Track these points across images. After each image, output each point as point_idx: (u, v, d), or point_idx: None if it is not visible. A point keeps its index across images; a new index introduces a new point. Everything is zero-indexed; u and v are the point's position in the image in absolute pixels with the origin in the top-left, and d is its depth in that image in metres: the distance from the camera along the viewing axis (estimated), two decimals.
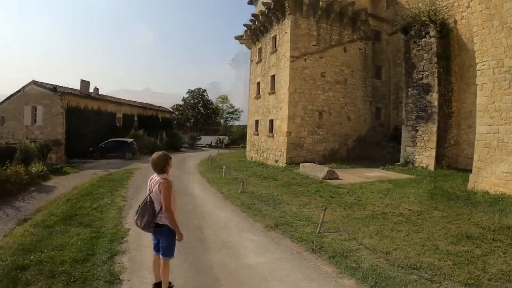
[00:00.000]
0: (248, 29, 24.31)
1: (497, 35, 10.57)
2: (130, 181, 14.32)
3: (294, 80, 18.68)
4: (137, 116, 35.78)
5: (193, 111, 57.27)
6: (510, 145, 9.74)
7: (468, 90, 16.31)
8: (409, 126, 17.19)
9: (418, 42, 17.13)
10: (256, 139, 23.22)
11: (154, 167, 4.06)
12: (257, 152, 22.76)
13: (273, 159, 19.73)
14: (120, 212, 8.62)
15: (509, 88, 10.04)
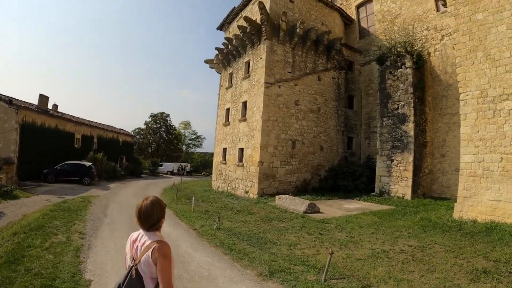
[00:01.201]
0: (219, 53, 23.56)
1: (480, 65, 10.94)
2: (88, 211, 12.71)
3: (268, 108, 17.94)
4: (97, 138, 33.47)
5: (155, 136, 55.14)
6: (495, 173, 9.95)
7: (441, 120, 17.00)
8: (384, 156, 17.05)
9: (393, 73, 17.20)
10: (224, 168, 22.12)
11: (144, 220, 2.49)
12: (224, 181, 21.66)
13: (243, 189, 18.72)
14: (77, 255, 7.14)
15: (493, 118, 10.32)
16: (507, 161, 9.76)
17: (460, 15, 11.90)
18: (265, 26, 17.90)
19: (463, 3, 11.88)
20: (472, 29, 11.45)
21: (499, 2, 10.81)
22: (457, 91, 15.89)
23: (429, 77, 17.43)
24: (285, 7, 18.88)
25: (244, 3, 21.20)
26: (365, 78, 22.29)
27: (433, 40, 17.61)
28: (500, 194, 9.77)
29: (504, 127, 10.04)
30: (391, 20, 19.56)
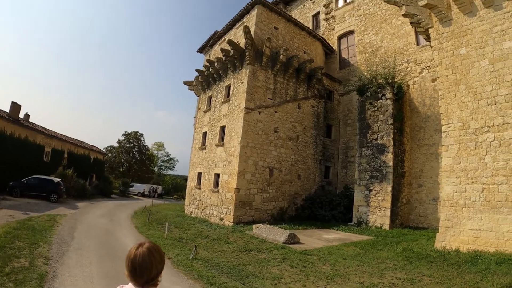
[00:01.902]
0: (200, 75, 23.26)
1: (463, 98, 11.17)
2: (54, 232, 11.69)
3: (247, 134, 17.54)
4: (67, 153, 32.00)
5: (127, 155, 53.81)
6: (477, 203, 10.01)
7: (419, 150, 17.23)
8: (362, 186, 16.90)
9: (374, 103, 17.31)
10: (198, 193, 21.35)
11: (139, 275, 1.81)
12: (198, 207, 20.88)
13: (218, 216, 18.01)
14: (41, 284, 6.32)
15: (475, 149, 10.50)
16: (489, 191, 9.82)
17: (444, 49, 12.15)
18: (248, 50, 17.77)
19: (446, 37, 12.14)
20: (455, 63, 11.71)
21: (482, 38, 11.08)
22: (435, 123, 16.49)
23: (407, 109, 17.68)
24: (269, 33, 18.93)
25: (228, 26, 21.19)
26: (344, 108, 22.45)
27: (413, 72, 18.05)
28: (482, 223, 9.77)
29: (485, 158, 10.15)
30: (372, 52, 19.94)
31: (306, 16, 27.29)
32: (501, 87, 10.30)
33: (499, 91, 10.33)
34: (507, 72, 10.26)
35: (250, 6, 19.07)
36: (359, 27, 22.10)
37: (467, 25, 11.59)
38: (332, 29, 24.35)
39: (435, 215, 15.49)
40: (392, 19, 19.79)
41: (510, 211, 9.20)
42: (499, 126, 10.08)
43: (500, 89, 10.33)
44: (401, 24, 19.07)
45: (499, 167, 9.77)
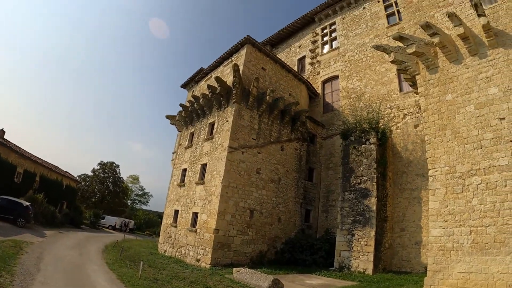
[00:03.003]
0: (184, 110, 23.05)
1: (449, 143, 11.42)
2: (18, 261, 10.73)
3: (229, 173, 17.12)
4: (39, 177, 30.48)
5: (101, 186, 51.86)
6: (465, 245, 9.98)
7: (401, 195, 17.26)
8: (344, 230, 16.52)
9: (358, 148, 17.39)
10: (174, 232, 20.39)
11: None
12: (173, 246, 19.86)
13: (194, 257, 17.10)
14: None
15: (462, 192, 10.58)
16: (477, 233, 9.81)
17: (430, 96, 12.54)
18: (236, 89, 17.80)
19: (433, 84, 12.55)
20: (441, 108, 12.06)
21: (467, 84, 11.51)
22: (417, 168, 16.65)
23: (390, 154, 17.84)
24: (257, 73, 19.14)
25: (216, 64, 21.38)
26: (326, 152, 22.51)
27: (396, 118, 18.43)
28: (471, 266, 9.65)
29: (473, 201, 10.20)
30: (357, 97, 20.30)
31: (291, 59, 28.14)
32: (487, 132, 10.56)
33: (485, 136, 10.58)
34: (492, 117, 10.56)
35: (240, 45, 19.40)
36: (343, 72, 22.81)
37: (453, 72, 12.05)
38: (317, 74, 25.03)
39: (418, 259, 15.31)
40: (377, 65, 20.57)
41: (499, 252, 9.17)
42: (486, 169, 10.22)
43: (485, 134, 10.58)
44: (385, 71, 19.82)
45: (486, 209, 9.81)
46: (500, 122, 10.31)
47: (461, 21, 11.24)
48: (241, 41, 19.20)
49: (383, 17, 21.95)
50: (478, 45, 11.41)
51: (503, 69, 10.61)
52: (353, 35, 23.51)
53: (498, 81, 10.65)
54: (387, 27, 21.43)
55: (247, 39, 19.05)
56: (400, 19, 19.92)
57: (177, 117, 24.42)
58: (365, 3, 23.55)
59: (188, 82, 25.08)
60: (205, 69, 22.53)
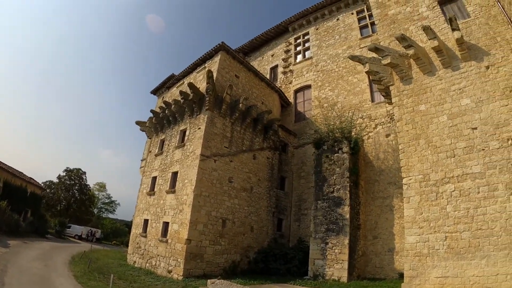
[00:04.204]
0: (154, 117, 22.52)
1: (423, 152, 11.81)
2: None
3: (202, 182, 16.78)
4: (3, 182, 28.74)
5: (67, 193, 49.43)
6: (441, 251, 10.27)
7: (374, 203, 17.57)
8: (318, 239, 16.51)
9: (330, 157, 17.49)
10: (144, 242, 19.70)
11: None
12: (143, 257, 19.17)
13: (165, 268, 16.56)
14: None
15: (436, 200, 10.93)
16: (452, 239, 10.14)
17: (404, 106, 12.91)
18: (209, 96, 17.58)
19: (407, 95, 12.93)
20: (415, 118, 12.45)
21: (440, 95, 11.96)
22: (389, 176, 17.00)
23: (362, 163, 18.15)
24: (230, 81, 19.01)
25: (188, 70, 21.11)
26: (298, 161, 22.61)
27: (367, 128, 18.85)
28: (447, 270, 9.93)
29: (447, 208, 10.57)
30: (330, 106, 20.52)
31: (264, 68, 28.26)
32: (459, 141, 11.00)
33: (458, 145, 11.01)
34: (464, 126, 11.02)
35: (214, 51, 19.27)
36: (316, 82, 23.17)
37: (426, 83, 12.49)
38: (289, 83, 25.28)
39: (392, 265, 15.59)
40: (349, 76, 21.05)
41: (474, 256, 9.50)
42: (459, 177, 10.63)
43: (458, 143, 11.02)
44: (357, 81, 20.32)
45: (460, 215, 10.18)
46: (472, 132, 10.78)
47: (435, 35, 11.71)
48: (215, 47, 19.08)
49: (356, 29, 22.58)
50: (451, 58, 11.92)
51: (475, 81, 11.12)
52: (326, 45, 24.02)
53: (470, 93, 11.14)
54: (360, 38, 22.06)
55: (222, 46, 18.95)
56: (374, 31, 20.63)
57: (148, 123, 23.84)
58: (339, 14, 24.16)
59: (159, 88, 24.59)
60: (177, 75, 22.19)
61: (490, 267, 9.04)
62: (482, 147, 10.37)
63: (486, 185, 9.90)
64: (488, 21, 11.65)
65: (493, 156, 10.03)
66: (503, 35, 11.10)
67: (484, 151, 10.28)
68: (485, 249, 9.31)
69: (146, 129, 24.49)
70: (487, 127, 10.43)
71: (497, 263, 8.93)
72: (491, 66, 10.97)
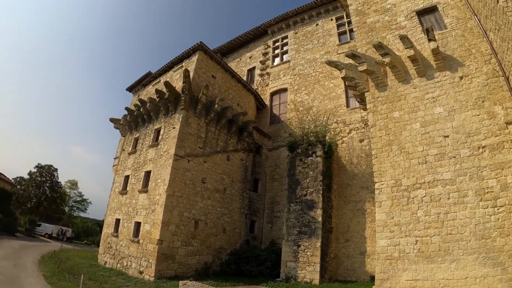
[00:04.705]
0: (129, 114, 22.06)
1: (395, 158, 12.00)
2: None
3: (175, 182, 16.58)
4: None
5: (37, 190, 47.72)
6: (411, 255, 10.47)
7: (346, 207, 17.82)
8: (290, 241, 16.61)
9: (304, 160, 17.63)
10: (115, 242, 19.23)
11: None
12: (114, 257, 18.72)
13: (137, 269, 16.23)
14: None
15: (407, 205, 11.13)
16: (422, 243, 10.38)
17: (378, 112, 13.12)
18: (185, 95, 17.40)
19: (381, 101, 13.17)
20: (388, 125, 12.67)
21: (414, 103, 12.24)
22: (361, 181, 17.30)
23: (335, 167, 18.37)
24: (206, 81, 18.92)
25: (165, 68, 20.85)
26: (272, 163, 22.70)
27: (342, 133, 19.17)
28: (417, 273, 10.14)
29: (418, 213, 10.81)
30: (305, 110, 20.69)
31: (241, 69, 28.25)
32: (431, 148, 11.28)
33: (430, 151, 11.29)
34: (436, 134, 11.31)
35: (192, 51, 19.15)
36: (292, 85, 23.40)
37: (401, 91, 12.76)
38: (266, 85, 25.43)
39: (363, 268, 15.88)
40: (325, 81, 21.38)
41: (444, 260, 9.75)
42: (430, 183, 10.89)
43: (430, 150, 11.30)
44: (333, 86, 20.66)
45: (431, 220, 10.43)
46: (444, 139, 11.08)
47: (412, 44, 12.03)
48: (193, 47, 18.95)
49: (335, 35, 22.97)
50: (427, 67, 12.27)
51: (449, 91, 11.48)
52: (304, 49, 24.31)
53: (443, 102, 11.49)
54: (338, 44, 22.43)
55: (200, 46, 18.85)
56: (352, 38, 21.03)
57: (122, 121, 23.34)
58: (318, 20, 24.53)
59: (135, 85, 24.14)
60: (154, 73, 21.89)
61: (459, 271, 9.32)
62: (454, 154, 10.68)
63: (457, 191, 10.19)
64: (464, 33, 12.08)
65: (464, 163, 10.36)
66: (478, 48, 11.53)
67: (455, 159, 10.60)
68: (455, 253, 9.58)
69: (120, 126, 23.97)
70: (458, 135, 10.78)
71: (467, 266, 9.22)
72: (465, 77, 11.37)
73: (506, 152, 9.78)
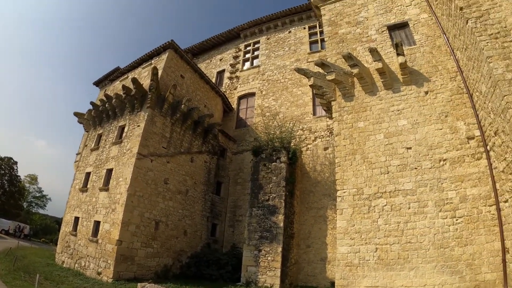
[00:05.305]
0: (94, 109, 21.33)
1: (358, 167, 12.27)
2: None
3: (137, 181, 16.17)
4: None
5: None
6: (371, 262, 10.71)
7: (308, 213, 18.00)
8: (251, 246, 16.58)
9: (268, 165, 17.66)
10: (73, 241, 18.41)
11: None
12: (72, 257, 17.92)
13: (95, 270, 15.63)
14: None
15: (368, 213, 11.40)
16: (382, 250, 10.66)
17: (344, 121, 13.39)
18: (152, 93, 17.07)
19: (347, 111, 13.46)
20: (353, 134, 12.93)
21: (379, 115, 12.60)
22: (324, 188, 17.56)
23: (299, 173, 18.58)
24: (175, 80, 18.65)
25: (134, 64, 20.39)
26: (236, 167, 22.66)
27: (307, 140, 19.43)
28: (377, 280, 10.39)
29: (378, 221, 11.09)
30: (271, 116, 20.84)
31: (211, 71, 28.06)
32: (394, 159, 11.64)
33: (392, 162, 11.64)
34: (399, 146, 11.69)
35: (162, 48, 18.87)
36: (261, 90, 23.50)
37: (367, 102, 13.11)
38: (234, 89, 25.37)
39: (324, 274, 16.12)
40: (294, 88, 21.63)
41: (403, 268, 10.04)
42: (391, 193, 11.22)
43: (392, 160, 11.65)
44: (301, 94, 20.95)
45: (391, 229, 10.73)
46: (407, 151, 11.49)
47: (380, 57, 12.43)
48: (164, 45, 18.68)
49: (306, 43, 23.39)
50: (393, 81, 12.72)
51: (414, 104, 11.95)
52: (275, 55, 24.55)
53: (408, 114, 11.94)
54: (308, 53, 22.82)
55: (171, 44, 18.61)
56: (323, 47, 21.46)
57: (86, 115, 22.56)
58: (291, 27, 24.88)
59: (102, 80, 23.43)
60: (122, 68, 21.37)
61: (418, 278, 9.65)
62: (415, 166, 11.09)
63: (417, 201, 10.58)
64: (432, 50, 12.64)
65: (424, 175, 10.79)
66: (445, 65, 12.10)
67: (416, 170, 11.01)
68: (414, 261, 9.91)
69: (84, 121, 23.15)
70: (421, 147, 11.22)
71: (425, 274, 9.56)
72: (430, 92, 11.89)
73: (466, 165, 10.29)
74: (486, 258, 9.10)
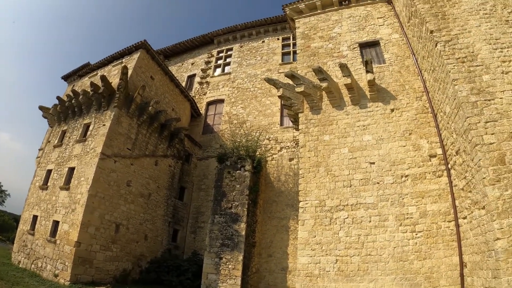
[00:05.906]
0: (60, 104, 20.57)
1: (322, 179, 12.45)
2: None
3: (98, 182, 15.72)
4: None
5: None
6: (331, 273, 10.85)
7: (270, 222, 18.02)
8: (212, 253, 16.47)
9: (232, 173, 17.66)
10: (31, 240, 17.54)
11: None
12: (28, 256, 17.07)
13: (52, 272, 14.97)
14: None
15: (329, 225, 11.60)
16: (342, 262, 10.83)
17: (310, 134, 13.61)
18: (120, 92, 16.73)
19: (314, 124, 13.73)
20: (318, 147, 13.15)
21: (345, 129, 12.96)
22: (287, 198, 17.73)
23: (263, 182, 18.67)
24: (144, 81, 18.36)
25: (104, 61, 19.94)
26: (200, 173, 22.48)
27: (273, 150, 19.55)
28: None
29: (339, 233, 11.28)
30: (239, 123, 20.96)
31: (182, 75, 27.80)
32: (357, 173, 11.97)
33: (355, 176, 11.96)
34: (363, 160, 12.06)
35: (134, 48, 18.60)
36: (230, 98, 23.48)
37: (334, 116, 13.43)
38: (203, 94, 25.20)
39: (284, 284, 16.16)
40: (263, 97, 21.79)
41: (363, 279, 10.27)
42: (353, 206, 11.50)
43: (356, 174, 11.97)
44: (270, 104, 21.12)
45: (352, 241, 10.96)
46: (370, 166, 11.87)
47: (350, 73, 12.82)
48: (136, 44, 18.42)
49: (278, 54, 23.70)
50: (361, 97, 13.15)
51: (379, 121, 12.39)
52: (246, 64, 24.68)
53: (373, 130, 12.35)
54: (280, 64, 23.11)
55: (143, 44, 18.38)
56: (294, 59, 21.73)
57: (51, 110, 21.69)
58: (265, 37, 25.19)
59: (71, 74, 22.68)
60: (92, 65, 20.81)
61: None
62: (378, 180, 11.46)
63: (378, 215, 10.93)
64: (400, 70, 13.22)
65: (386, 189, 11.18)
66: (412, 84, 12.68)
67: (378, 184, 11.39)
68: (373, 273, 10.18)
69: (49, 116, 22.27)
70: (384, 163, 11.64)
71: (384, 286, 9.85)
72: (396, 110, 12.39)
73: (427, 182, 10.76)
74: (445, 271, 9.49)
